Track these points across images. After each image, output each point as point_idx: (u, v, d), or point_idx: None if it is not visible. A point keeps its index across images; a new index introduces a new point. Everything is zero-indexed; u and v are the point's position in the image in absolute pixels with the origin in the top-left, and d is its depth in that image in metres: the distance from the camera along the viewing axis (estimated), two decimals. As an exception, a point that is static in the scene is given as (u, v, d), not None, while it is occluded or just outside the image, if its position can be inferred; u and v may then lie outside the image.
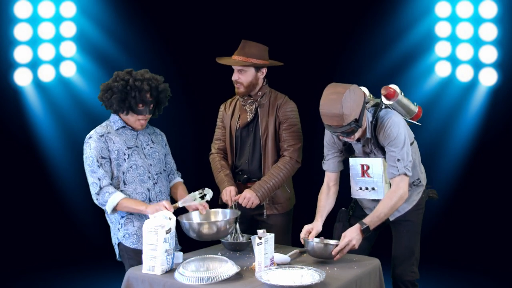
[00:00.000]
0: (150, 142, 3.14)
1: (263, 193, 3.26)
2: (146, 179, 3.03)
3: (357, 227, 2.82)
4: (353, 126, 2.78)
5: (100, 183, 2.89)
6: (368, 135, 2.97)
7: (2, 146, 5.56)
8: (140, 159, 3.03)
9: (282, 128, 3.36)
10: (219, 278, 2.44)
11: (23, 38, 5.56)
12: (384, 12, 5.62)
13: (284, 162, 3.33)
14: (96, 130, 3.00)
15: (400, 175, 2.87)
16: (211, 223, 2.85)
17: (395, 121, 2.90)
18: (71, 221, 5.73)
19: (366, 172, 3.02)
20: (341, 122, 2.75)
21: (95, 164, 2.91)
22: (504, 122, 5.50)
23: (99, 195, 2.88)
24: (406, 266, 3.08)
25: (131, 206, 2.89)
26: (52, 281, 5.13)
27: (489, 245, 5.51)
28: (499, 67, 5.50)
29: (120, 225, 3.00)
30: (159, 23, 5.90)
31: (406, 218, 3.08)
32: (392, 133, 2.89)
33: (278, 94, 3.45)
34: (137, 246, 2.97)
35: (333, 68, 5.73)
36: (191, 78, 5.98)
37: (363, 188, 3.06)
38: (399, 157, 2.88)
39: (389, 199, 2.87)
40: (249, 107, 3.41)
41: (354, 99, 2.77)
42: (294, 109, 3.41)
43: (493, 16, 5.47)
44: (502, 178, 5.54)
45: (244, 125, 3.42)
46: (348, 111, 2.74)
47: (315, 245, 2.80)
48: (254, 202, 3.25)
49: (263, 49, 3.37)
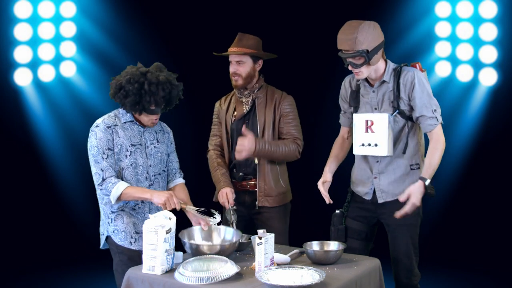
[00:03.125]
0: (155, 141, 3.11)
1: (262, 146, 3.25)
2: (143, 179, 3.01)
3: (421, 183, 2.88)
4: (363, 55, 2.85)
5: (103, 174, 2.88)
6: (386, 78, 3.00)
7: (2, 146, 5.56)
8: (141, 158, 3.01)
9: (284, 121, 3.39)
10: (219, 278, 2.44)
11: (23, 38, 5.55)
12: (384, 12, 5.61)
13: (288, 142, 3.35)
14: (104, 120, 2.98)
15: (438, 125, 2.95)
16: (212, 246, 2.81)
17: (422, 74, 2.99)
18: (71, 221, 5.73)
19: (370, 127, 3.02)
20: (353, 47, 2.85)
21: (100, 155, 2.89)
22: (504, 122, 5.49)
23: (102, 186, 2.87)
24: (407, 272, 3.07)
25: (136, 194, 2.88)
26: (52, 281, 5.13)
27: (489, 245, 5.51)
28: (499, 67, 5.50)
29: (110, 219, 2.98)
30: (159, 23, 5.89)
31: (401, 222, 3.04)
32: (423, 82, 2.95)
33: (275, 89, 3.49)
34: (124, 244, 2.94)
35: (333, 68, 5.71)
36: (191, 78, 5.98)
37: (365, 144, 3.06)
38: (434, 107, 2.95)
39: (435, 149, 2.93)
40: (246, 99, 3.43)
41: (371, 32, 2.87)
42: (293, 103, 3.46)
43: (493, 16, 5.47)
44: (502, 178, 5.54)
45: (241, 116, 3.43)
46: (362, 38, 2.83)
47: (315, 252, 2.80)
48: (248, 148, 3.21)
49: (258, 41, 3.44)
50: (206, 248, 2.75)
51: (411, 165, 3.05)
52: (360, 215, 3.17)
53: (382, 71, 3.02)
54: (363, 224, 3.18)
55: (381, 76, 3.02)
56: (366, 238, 3.19)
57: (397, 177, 3.03)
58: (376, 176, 3.08)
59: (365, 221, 3.17)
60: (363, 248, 3.15)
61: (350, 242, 3.14)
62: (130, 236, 2.96)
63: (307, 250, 2.81)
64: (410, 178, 3.04)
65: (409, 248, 3.06)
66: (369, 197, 3.12)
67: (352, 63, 2.93)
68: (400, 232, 3.06)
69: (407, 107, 2.99)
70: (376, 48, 2.90)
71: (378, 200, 3.08)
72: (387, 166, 3.06)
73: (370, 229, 3.20)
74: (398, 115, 3.00)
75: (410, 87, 2.95)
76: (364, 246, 3.17)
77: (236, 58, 3.37)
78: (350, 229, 3.19)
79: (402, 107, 2.99)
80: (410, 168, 3.05)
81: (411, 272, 3.07)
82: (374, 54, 2.90)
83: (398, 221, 3.01)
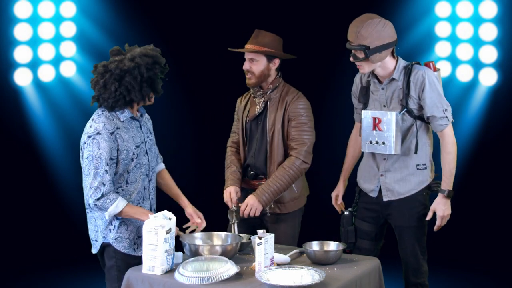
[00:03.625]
0: (149, 133, 3.04)
1: (266, 198, 3.17)
2: (145, 177, 2.95)
3: (441, 196, 2.93)
4: (362, 50, 2.86)
5: (103, 190, 2.74)
6: (396, 76, 2.98)
7: (2, 146, 5.56)
8: (144, 157, 2.93)
9: (291, 125, 3.24)
10: (219, 278, 2.44)
11: (23, 38, 5.54)
12: (384, 12, 5.58)
13: (290, 163, 3.20)
14: (105, 126, 2.78)
15: (449, 125, 2.94)
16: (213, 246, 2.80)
17: (433, 73, 3.00)
18: (71, 221, 5.71)
19: (378, 125, 3.01)
20: (354, 39, 2.88)
21: (103, 168, 2.73)
22: (504, 122, 5.49)
23: (99, 201, 2.74)
24: (414, 271, 3.09)
25: (134, 216, 2.80)
26: (52, 281, 5.12)
27: (490, 245, 5.50)
28: (499, 67, 5.49)
29: (113, 226, 2.85)
30: (159, 23, 5.89)
31: (406, 224, 3.05)
32: (434, 81, 2.94)
33: (291, 89, 3.34)
34: (128, 251, 2.86)
35: (333, 68, 5.72)
36: (191, 78, 5.98)
37: (373, 142, 3.05)
38: (445, 106, 2.94)
39: (448, 153, 2.95)
40: (259, 99, 3.32)
41: (378, 30, 2.88)
42: (305, 107, 3.26)
43: (493, 16, 5.46)
44: (502, 178, 5.54)
45: (253, 117, 3.34)
46: (365, 33, 2.85)
47: (315, 252, 2.80)
48: (258, 209, 3.17)
49: (277, 40, 3.31)
50: (206, 250, 2.74)
51: (417, 165, 3.04)
52: (368, 216, 3.17)
53: (391, 69, 3.00)
54: (372, 225, 3.17)
55: (390, 73, 3.01)
56: (376, 238, 3.19)
57: (403, 176, 3.02)
58: (383, 174, 3.07)
59: (373, 222, 3.17)
60: (374, 248, 3.17)
61: (360, 243, 3.17)
62: (134, 243, 2.89)
63: (307, 250, 2.81)
64: (416, 178, 3.03)
65: (415, 249, 3.06)
66: (375, 195, 3.12)
67: (354, 56, 2.94)
68: (406, 234, 3.07)
69: (416, 106, 2.98)
70: (379, 47, 2.88)
71: (383, 198, 3.08)
72: (393, 164, 3.05)
73: (379, 229, 3.20)
74: (406, 114, 2.99)
75: (421, 87, 2.94)
76: (374, 246, 3.18)
77: (249, 55, 3.25)
78: (359, 230, 3.19)
79: (411, 105, 2.98)
80: (416, 168, 3.04)
81: (418, 271, 3.08)
82: (376, 52, 2.88)
83: (405, 223, 3.04)
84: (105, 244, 2.88)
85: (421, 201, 3.06)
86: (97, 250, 2.93)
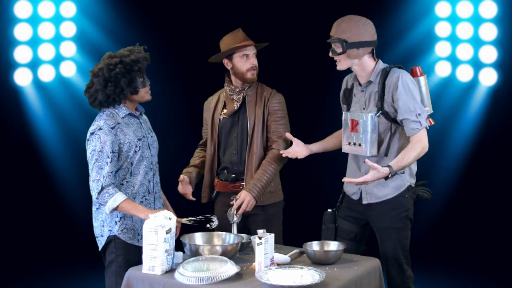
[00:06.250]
0: (149, 130, 3.14)
1: (258, 191, 3.24)
2: (149, 170, 3.03)
3: (386, 170, 2.81)
4: (340, 43, 2.94)
5: (102, 182, 2.83)
6: (372, 79, 3.00)
7: (2, 146, 5.56)
8: (147, 150, 3.02)
9: (271, 119, 3.37)
10: (219, 278, 2.44)
11: (23, 38, 5.55)
12: (384, 12, 5.61)
13: (273, 155, 3.32)
14: (106, 122, 2.90)
15: (422, 130, 2.90)
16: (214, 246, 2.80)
17: (410, 77, 2.99)
18: (71, 221, 5.73)
19: (355, 127, 3.04)
20: (334, 32, 2.99)
21: (105, 160, 2.84)
22: (504, 122, 5.49)
23: (99, 194, 2.83)
24: (398, 274, 3.06)
25: (131, 211, 2.85)
26: (52, 281, 5.13)
27: (489, 245, 5.51)
28: (499, 67, 5.49)
29: (119, 218, 2.94)
30: (159, 23, 5.89)
31: (386, 225, 3.04)
32: (408, 85, 2.93)
33: (265, 87, 3.47)
34: (133, 242, 2.95)
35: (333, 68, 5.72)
36: (191, 78, 5.98)
37: (351, 143, 3.08)
38: (419, 111, 2.90)
39: (413, 149, 2.87)
40: (237, 96, 3.41)
41: (359, 26, 2.95)
42: (282, 101, 3.43)
43: (493, 16, 5.46)
44: (502, 178, 5.54)
45: (231, 114, 3.42)
46: (345, 28, 2.94)
47: (315, 252, 2.80)
48: (252, 203, 3.22)
49: None
50: (206, 250, 2.74)
51: None
52: (350, 215, 3.17)
53: (370, 70, 3.03)
54: (353, 225, 3.17)
55: (369, 75, 3.03)
56: (355, 239, 3.17)
57: (380, 180, 2.92)
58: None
59: (354, 222, 3.17)
60: (352, 249, 3.12)
61: (339, 242, 3.13)
62: (138, 234, 2.97)
63: (307, 250, 2.81)
64: (393, 182, 3.00)
65: (397, 251, 3.03)
66: (357, 197, 3.13)
67: (333, 50, 3.02)
68: (387, 235, 3.04)
69: (391, 108, 2.97)
70: (357, 43, 2.94)
71: (363, 201, 3.08)
72: None
73: (360, 230, 3.19)
74: (382, 116, 2.99)
75: (394, 89, 2.93)
76: (353, 247, 3.14)
77: (254, 50, 3.40)
78: (340, 229, 3.19)
79: (386, 108, 2.98)
80: None
81: (403, 274, 3.05)
82: (354, 47, 2.94)
83: (385, 224, 3.03)
84: (110, 238, 2.95)
85: (402, 203, 3.02)
86: (102, 246, 3.00)
